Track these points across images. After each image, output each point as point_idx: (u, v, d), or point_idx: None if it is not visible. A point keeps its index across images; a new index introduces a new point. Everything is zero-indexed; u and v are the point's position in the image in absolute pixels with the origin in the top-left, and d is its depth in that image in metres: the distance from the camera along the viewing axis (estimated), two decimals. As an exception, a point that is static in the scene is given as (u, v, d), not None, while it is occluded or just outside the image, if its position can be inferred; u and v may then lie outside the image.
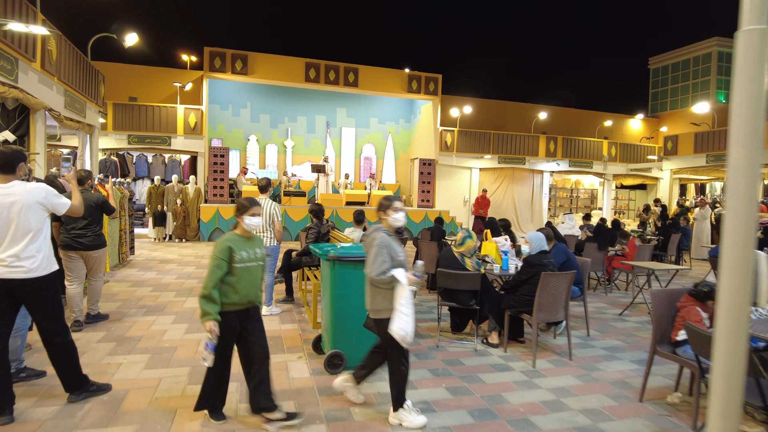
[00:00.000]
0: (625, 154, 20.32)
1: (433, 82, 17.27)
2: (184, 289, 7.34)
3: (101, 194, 5.59)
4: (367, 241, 3.30)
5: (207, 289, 2.98)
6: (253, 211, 3.16)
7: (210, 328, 2.97)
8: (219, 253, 3.02)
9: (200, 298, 3.00)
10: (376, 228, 3.34)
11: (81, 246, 5.22)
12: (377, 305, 3.28)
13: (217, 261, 3.01)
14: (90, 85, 8.74)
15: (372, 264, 3.19)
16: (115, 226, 8.86)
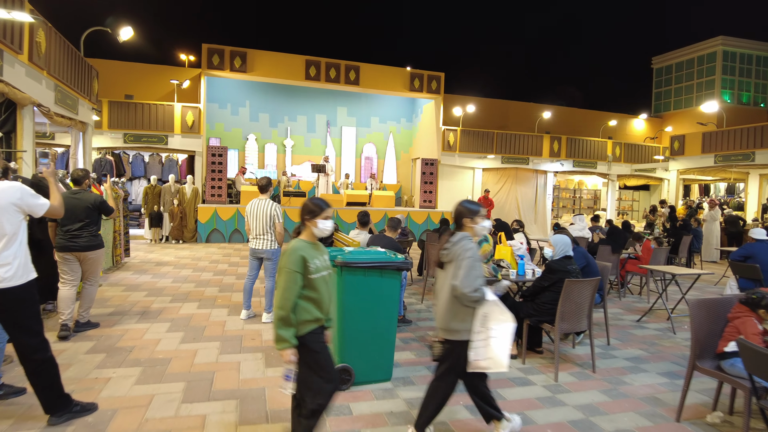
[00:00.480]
0: (630, 154, 20.03)
1: (435, 80, 16.95)
2: (180, 294, 7.00)
3: (98, 194, 5.26)
4: (454, 251, 2.88)
5: (285, 310, 2.51)
6: (326, 214, 2.73)
7: (288, 358, 2.54)
8: (292, 265, 2.55)
9: (277, 321, 2.53)
10: (463, 236, 2.94)
11: (77, 247, 4.95)
12: (456, 325, 2.88)
13: (291, 275, 2.53)
14: (82, 80, 8.39)
15: (465, 278, 2.78)
16: (108, 227, 8.51)
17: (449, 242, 2.95)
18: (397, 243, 5.24)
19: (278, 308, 2.52)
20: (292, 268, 2.54)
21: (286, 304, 2.52)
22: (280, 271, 2.57)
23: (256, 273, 5.81)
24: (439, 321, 2.98)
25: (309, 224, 2.72)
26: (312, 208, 2.70)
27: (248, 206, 5.66)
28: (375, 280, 3.82)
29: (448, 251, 2.94)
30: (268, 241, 5.60)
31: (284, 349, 2.53)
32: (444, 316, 2.92)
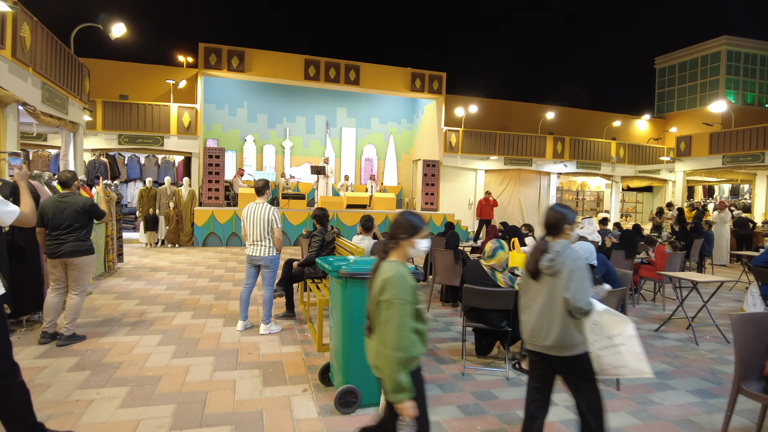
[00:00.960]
0: (633, 155, 19.74)
1: (437, 80, 16.63)
2: (174, 302, 6.66)
3: (87, 198, 4.94)
4: (562, 261, 2.62)
5: (406, 351, 2.10)
6: (424, 233, 2.36)
7: (411, 413, 2.12)
8: (406, 295, 2.15)
9: (397, 366, 2.07)
10: (566, 244, 2.68)
11: (62, 252, 4.68)
12: (573, 339, 2.61)
13: (406, 307, 2.14)
14: (73, 78, 8.05)
15: (579, 290, 2.55)
16: (100, 231, 8.17)
17: (551, 251, 2.66)
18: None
19: (396, 350, 2.08)
20: (406, 298, 2.14)
21: (406, 344, 2.11)
22: (389, 305, 2.12)
23: (253, 281, 5.48)
24: (549, 339, 2.65)
25: (404, 244, 2.33)
26: (409, 225, 2.32)
27: (245, 210, 5.33)
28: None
29: (553, 261, 2.64)
30: (266, 247, 5.27)
31: (405, 400, 2.09)
32: (559, 333, 2.62)
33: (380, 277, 2.22)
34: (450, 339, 5.43)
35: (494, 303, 4.16)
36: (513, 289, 4.19)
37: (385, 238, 5.12)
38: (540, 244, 2.72)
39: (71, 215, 4.68)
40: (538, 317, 2.68)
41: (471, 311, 4.33)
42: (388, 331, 2.11)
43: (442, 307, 6.90)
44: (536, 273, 2.70)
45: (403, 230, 2.32)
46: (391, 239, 2.36)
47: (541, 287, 2.69)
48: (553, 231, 2.74)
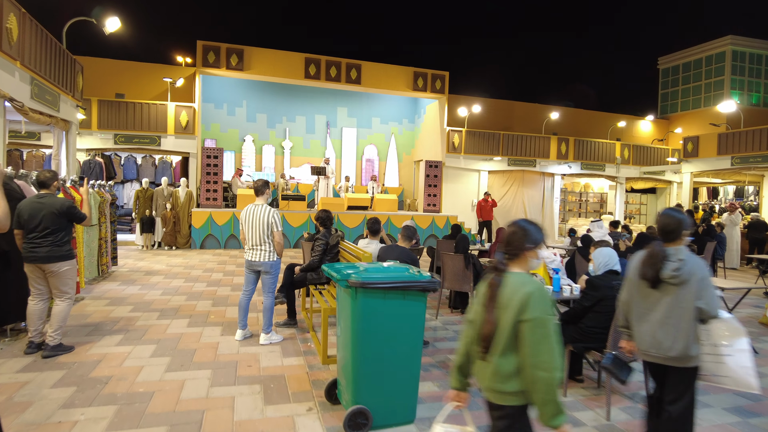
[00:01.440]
0: (638, 156, 19.46)
1: (439, 79, 16.33)
2: (169, 309, 6.33)
3: (66, 199, 4.60)
4: (689, 270, 2.53)
5: (561, 370, 1.92)
6: (544, 243, 2.17)
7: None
8: (551, 310, 1.96)
9: (553, 389, 1.89)
10: (687, 251, 2.62)
11: (36, 258, 4.36)
12: (695, 351, 2.56)
13: (553, 324, 1.94)
14: (64, 74, 7.73)
15: (713, 298, 2.55)
16: (94, 234, 7.85)
17: (674, 259, 2.57)
18: (414, 255, 4.60)
19: (555, 370, 1.88)
20: (551, 314, 1.95)
21: (560, 363, 1.93)
22: (540, 323, 1.90)
23: (252, 288, 5.16)
24: (674, 350, 2.57)
25: (529, 254, 2.11)
26: (536, 235, 2.11)
27: (243, 213, 5.02)
28: (396, 303, 3.17)
29: (679, 270, 2.54)
30: (266, 252, 4.95)
31: (564, 423, 1.90)
32: (685, 344, 2.55)
33: (517, 292, 1.96)
34: (462, 349, 5.10)
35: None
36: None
37: (392, 243, 4.76)
38: (659, 251, 2.62)
39: (47, 217, 4.35)
40: (661, 327, 2.60)
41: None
42: (543, 351, 1.90)
43: (451, 314, 6.58)
44: (657, 281, 2.60)
45: (529, 240, 2.09)
46: (513, 249, 2.10)
47: (661, 296, 2.62)
48: (670, 237, 2.66)
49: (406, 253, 4.42)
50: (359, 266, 3.38)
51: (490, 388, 2.03)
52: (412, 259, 4.40)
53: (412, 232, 4.83)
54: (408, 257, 4.37)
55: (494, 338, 1.99)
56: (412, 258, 4.44)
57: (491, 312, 2.01)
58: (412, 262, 4.39)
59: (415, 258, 4.51)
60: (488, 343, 2.01)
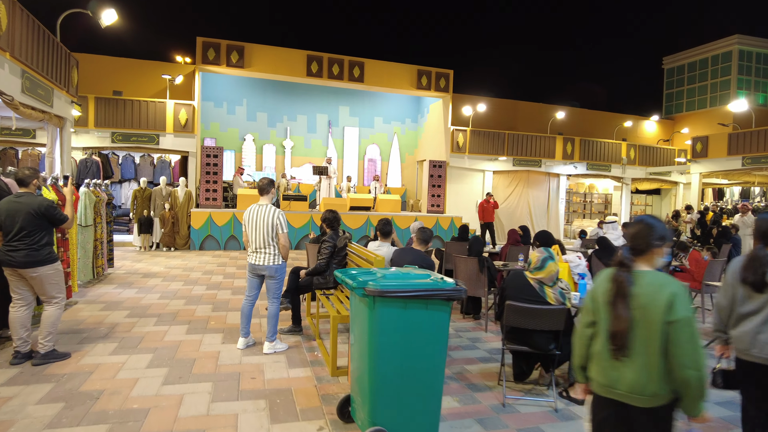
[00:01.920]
0: (644, 156, 19.18)
1: (444, 77, 16.03)
2: (167, 314, 6.01)
3: (45, 199, 4.28)
4: None
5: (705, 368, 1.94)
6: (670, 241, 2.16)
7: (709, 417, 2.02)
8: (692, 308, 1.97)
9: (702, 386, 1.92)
10: None
11: (14, 262, 4.05)
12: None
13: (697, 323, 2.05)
14: (58, 69, 7.41)
15: None
16: (89, 235, 7.54)
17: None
18: (431, 260, 4.29)
19: (703, 368, 1.91)
20: (693, 312, 1.97)
21: (705, 360, 1.94)
22: (688, 323, 1.91)
23: (256, 293, 4.85)
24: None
25: (657, 252, 2.07)
26: (663, 232, 2.09)
27: (246, 213, 4.71)
28: (418, 313, 2.86)
29: None
30: (271, 255, 4.63)
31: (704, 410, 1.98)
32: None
33: (659, 292, 1.95)
34: (479, 359, 4.80)
35: (543, 323, 3.54)
36: (564, 307, 3.57)
37: (406, 246, 4.44)
38: (761, 255, 2.56)
39: (24, 218, 4.03)
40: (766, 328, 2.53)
41: (513, 332, 3.71)
42: (692, 351, 1.90)
43: (464, 320, 6.28)
44: (762, 285, 2.53)
45: (656, 236, 2.06)
46: (640, 245, 2.07)
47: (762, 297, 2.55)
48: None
49: (422, 257, 4.11)
50: (376, 272, 3.07)
51: (636, 392, 1.97)
52: (428, 264, 4.10)
53: (428, 234, 4.51)
54: (424, 262, 4.07)
55: (629, 337, 1.96)
56: (429, 262, 4.13)
57: (623, 309, 1.97)
58: (429, 266, 4.09)
59: (431, 262, 4.20)
60: (622, 341, 1.97)
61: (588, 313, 2.15)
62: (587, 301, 2.17)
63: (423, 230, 4.53)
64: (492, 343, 5.34)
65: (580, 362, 2.21)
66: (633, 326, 1.95)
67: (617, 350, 1.98)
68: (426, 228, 4.57)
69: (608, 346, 2.02)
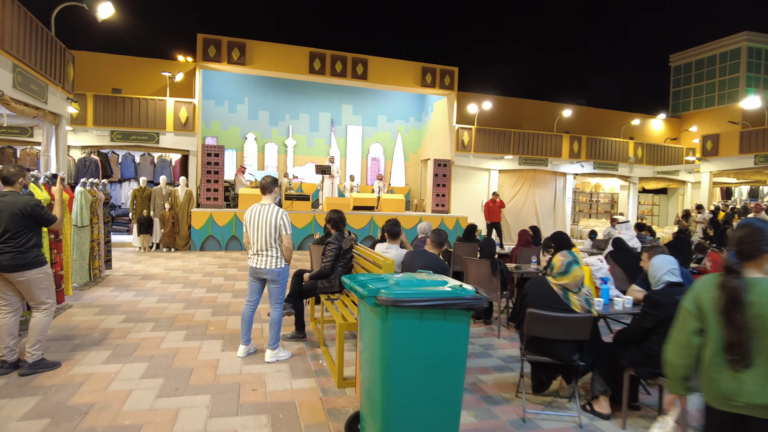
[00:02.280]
0: (652, 155, 18.88)
1: (448, 75, 15.75)
2: (165, 319, 5.76)
3: (31, 198, 4.02)
4: None
5: None
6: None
7: None
8: None
9: None
10: None
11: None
12: None
13: None
14: (53, 64, 7.16)
15: None
16: (85, 236, 7.29)
17: None
18: (445, 263, 4.02)
19: None
20: None
21: None
22: None
23: (257, 298, 4.59)
24: None
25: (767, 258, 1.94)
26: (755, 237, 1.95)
27: (247, 213, 4.45)
28: (435, 325, 2.59)
29: None
30: (273, 258, 4.37)
31: None
32: None
33: None
34: (493, 368, 4.53)
35: (567, 332, 3.28)
36: (591, 315, 3.30)
37: (417, 248, 4.18)
38: None
39: (9, 219, 3.79)
40: None
41: (534, 341, 3.44)
42: None
43: (474, 325, 6.00)
44: None
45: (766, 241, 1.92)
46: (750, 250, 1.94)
47: None
48: None
49: (437, 261, 3.85)
50: (387, 279, 2.81)
51: (759, 403, 1.86)
52: (443, 268, 3.83)
53: (443, 237, 4.24)
54: (438, 266, 3.80)
55: (749, 347, 1.86)
56: (444, 266, 3.87)
57: (741, 318, 1.87)
58: (444, 271, 3.82)
59: (446, 266, 3.94)
60: (742, 352, 1.87)
61: (693, 320, 2.02)
62: (689, 305, 2.05)
63: (438, 232, 4.25)
64: (506, 350, 5.07)
65: (684, 373, 2.09)
66: (753, 336, 1.85)
67: (737, 361, 1.88)
68: (441, 230, 4.30)
69: (725, 356, 1.91)
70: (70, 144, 12.37)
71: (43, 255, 4.05)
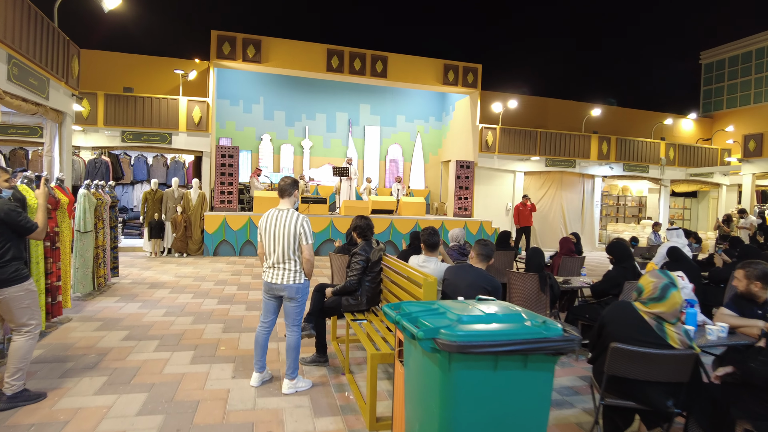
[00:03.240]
0: (684, 157, 17.94)
1: (472, 72, 15.06)
2: (171, 336, 5.18)
3: (5, 202, 3.46)
4: None
5: None
6: None
7: None
8: None
9: None
10: None
11: None
12: None
13: None
14: (55, 57, 6.65)
15: None
16: (89, 242, 6.76)
17: None
18: (497, 282, 3.35)
19: None
20: None
21: None
22: None
23: (272, 319, 3.96)
24: None
25: None
26: None
27: (263, 219, 3.83)
28: (512, 375, 1.94)
29: None
30: (292, 272, 3.75)
31: None
32: None
33: None
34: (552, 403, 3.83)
35: (662, 373, 2.59)
36: (693, 352, 2.61)
37: (460, 262, 3.49)
38: None
39: None
40: None
41: (616, 382, 2.75)
42: None
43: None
44: None
45: None
46: None
47: None
48: None
49: (486, 279, 3.18)
50: (444, 309, 2.15)
51: None
52: (494, 288, 3.17)
53: (491, 249, 3.57)
54: (489, 284, 3.14)
55: None
56: (495, 286, 3.20)
57: None
58: (495, 291, 3.16)
59: (498, 286, 3.27)
60: None
61: None
62: None
63: (484, 243, 3.58)
64: (559, 379, 4.37)
65: None
66: None
67: None
68: (487, 241, 3.63)
69: None
70: (81, 145, 11.96)
71: (24, 269, 3.48)
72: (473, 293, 2.92)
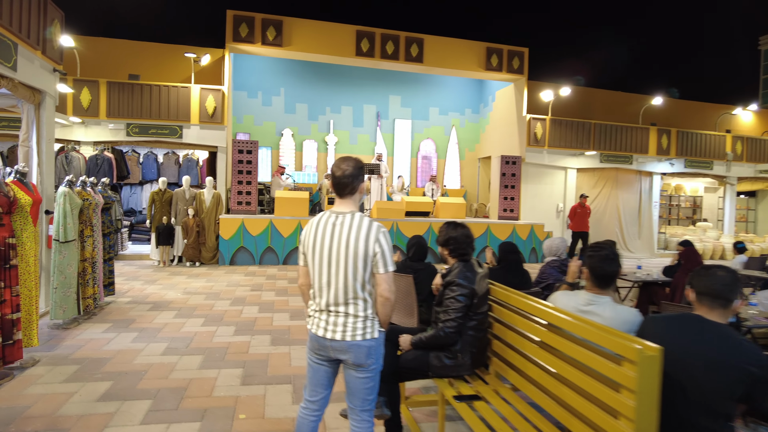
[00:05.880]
0: (750, 151, 15.98)
1: (517, 57, 13.36)
2: (169, 392, 3.62)
3: None
4: None
5: None
6: None
7: None
8: None
9: None
10: None
11: None
12: None
13: None
14: (26, 16, 5.18)
15: None
16: (71, 254, 5.28)
17: None
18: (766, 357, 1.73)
19: None
20: None
21: None
22: None
23: (325, 396, 2.36)
24: None
25: None
26: None
27: (309, 229, 2.25)
28: None
29: None
30: (360, 319, 2.16)
31: None
32: None
33: None
34: None
35: None
36: None
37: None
38: None
39: None
40: None
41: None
42: None
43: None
44: None
45: None
46: None
47: None
48: None
49: (747, 353, 1.55)
50: None
51: None
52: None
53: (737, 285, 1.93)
54: (758, 364, 1.50)
55: None
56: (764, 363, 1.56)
57: None
58: None
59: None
60: None
61: None
62: None
63: (732, 277, 1.92)
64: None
65: None
66: None
67: None
68: (733, 271, 1.99)
69: None
70: (81, 139, 10.58)
71: None
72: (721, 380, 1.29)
